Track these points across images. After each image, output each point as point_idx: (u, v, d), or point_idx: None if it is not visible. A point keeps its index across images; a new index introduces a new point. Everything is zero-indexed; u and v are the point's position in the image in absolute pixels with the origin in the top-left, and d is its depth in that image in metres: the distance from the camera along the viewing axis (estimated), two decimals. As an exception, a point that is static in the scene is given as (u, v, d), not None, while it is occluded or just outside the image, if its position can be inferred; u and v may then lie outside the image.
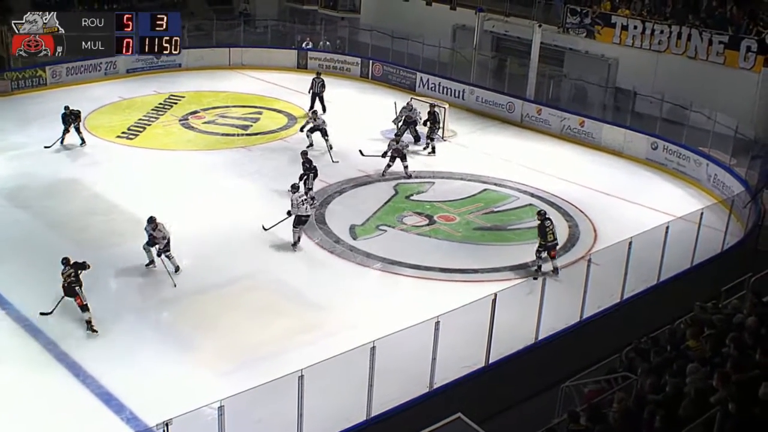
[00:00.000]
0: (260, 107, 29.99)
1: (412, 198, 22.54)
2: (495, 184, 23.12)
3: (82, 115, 25.85)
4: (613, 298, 16.48)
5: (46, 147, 24.90)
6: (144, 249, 18.11)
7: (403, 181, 23.51)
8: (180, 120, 28.48)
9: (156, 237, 17.75)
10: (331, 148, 24.83)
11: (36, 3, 33.05)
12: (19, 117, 27.81)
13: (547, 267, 18.34)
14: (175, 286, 17.54)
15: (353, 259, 19.02)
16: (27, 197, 21.42)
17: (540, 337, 15.17)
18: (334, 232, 20.15)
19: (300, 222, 19.22)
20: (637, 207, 22.24)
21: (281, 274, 18.13)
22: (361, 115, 29.46)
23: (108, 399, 13.82)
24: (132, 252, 18.79)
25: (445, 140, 27.19)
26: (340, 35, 37.31)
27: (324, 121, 25.43)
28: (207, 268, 18.37)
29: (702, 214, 18.60)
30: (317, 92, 29.69)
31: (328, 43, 36.49)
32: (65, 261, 16.08)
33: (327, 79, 30.17)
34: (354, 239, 19.92)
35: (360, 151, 24.75)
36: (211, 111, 29.66)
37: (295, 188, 19.57)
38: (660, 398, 10.46)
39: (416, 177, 23.89)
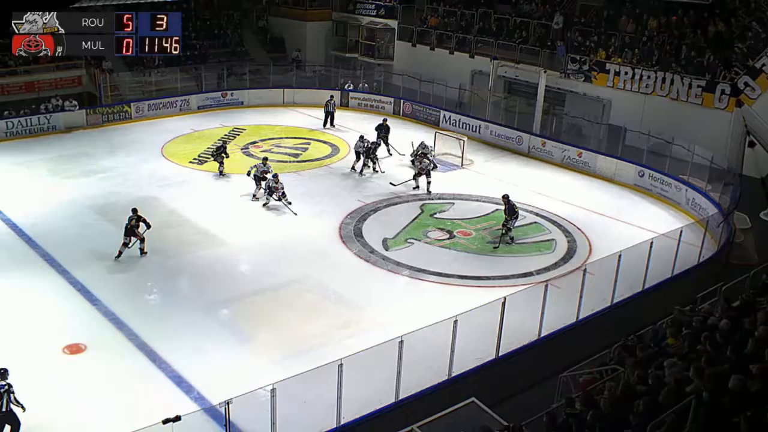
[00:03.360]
0: (309, 138, 30.15)
1: (435, 216, 22.55)
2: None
3: (162, 143, 25.66)
4: (605, 302, 16.35)
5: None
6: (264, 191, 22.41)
7: (427, 201, 23.57)
8: (242, 149, 28.68)
9: (275, 187, 22.04)
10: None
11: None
12: (107, 145, 28.24)
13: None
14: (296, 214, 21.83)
15: (385, 267, 19.05)
16: (114, 212, 21.56)
17: (542, 335, 15.09)
18: (370, 244, 20.19)
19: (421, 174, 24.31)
20: (626, 225, 22.03)
21: (325, 279, 18.17)
22: (394, 145, 29.42)
23: (179, 381, 13.98)
24: (201, 259, 19.05)
25: (463, 168, 27.29)
26: (376, 78, 37.43)
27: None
28: (263, 273, 18.50)
29: (681, 232, 18.48)
30: (331, 111, 31.37)
31: (366, 85, 36.66)
32: (134, 210, 18.79)
33: (365, 116, 30.46)
34: (386, 250, 19.95)
35: (391, 183, 24.87)
36: (268, 141, 29.84)
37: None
38: (644, 388, 10.41)
39: (439, 198, 23.92)
